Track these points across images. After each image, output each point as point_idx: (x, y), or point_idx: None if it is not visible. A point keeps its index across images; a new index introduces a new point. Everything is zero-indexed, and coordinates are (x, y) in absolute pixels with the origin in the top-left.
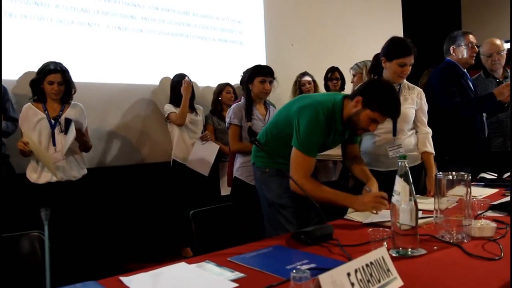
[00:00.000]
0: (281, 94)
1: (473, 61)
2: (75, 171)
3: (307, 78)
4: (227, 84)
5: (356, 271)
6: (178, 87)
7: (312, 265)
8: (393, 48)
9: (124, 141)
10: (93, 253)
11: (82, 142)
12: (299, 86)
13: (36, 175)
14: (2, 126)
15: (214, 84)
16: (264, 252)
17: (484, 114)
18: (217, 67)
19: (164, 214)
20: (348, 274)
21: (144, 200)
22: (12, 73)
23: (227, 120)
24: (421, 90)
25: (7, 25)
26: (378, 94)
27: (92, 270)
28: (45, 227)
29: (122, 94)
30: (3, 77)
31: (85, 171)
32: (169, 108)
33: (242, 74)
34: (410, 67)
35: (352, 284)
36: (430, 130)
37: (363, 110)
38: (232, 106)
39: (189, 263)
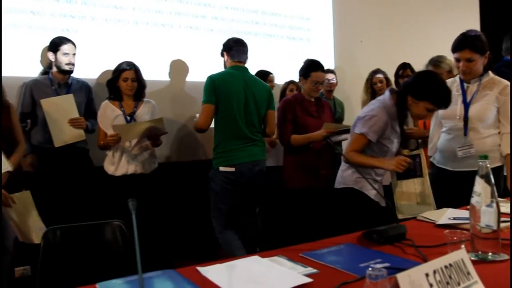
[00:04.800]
0: (350, 92)
1: None
2: (147, 165)
3: (380, 76)
4: (291, 82)
5: (434, 272)
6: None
7: (386, 264)
8: None
9: (192, 137)
10: (165, 242)
11: (154, 138)
12: (371, 84)
13: (113, 167)
14: (88, 125)
15: (281, 82)
16: (336, 249)
17: None
18: (285, 64)
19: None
20: (427, 275)
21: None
22: (93, 73)
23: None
24: (508, 84)
25: (90, 28)
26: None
27: (164, 259)
28: (132, 216)
29: (195, 91)
30: (85, 76)
31: (156, 165)
32: None
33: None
34: (471, 63)
35: (431, 285)
36: None
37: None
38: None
39: (262, 257)
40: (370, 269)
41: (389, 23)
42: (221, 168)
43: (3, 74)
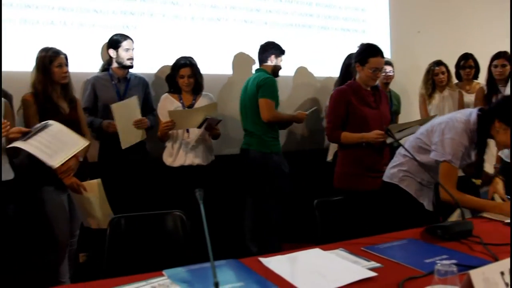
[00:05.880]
0: (408, 84)
1: None
2: (204, 157)
3: (441, 67)
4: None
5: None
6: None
7: (453, 261)
8: None
9: None
10: (223, 233)
11: (213, 131)
12: (432, 76)
13: (171, 159)
14: (148, 123)
15: (336, 75)
16: (399, 244)
17: None
18: (339, 57)
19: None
20: (502, 273)
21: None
22: (152, 67)
23: None
24: None
25: (148, 24)
26: None
27: (225, 249)
28: (200, 205)
29: None
30: (144, 71)
31: (213, 157)
32: None
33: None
34: None
35: (507, 285)
36: None
37: None
38: None
39: (323, 250)
40: (439, 264)
41: (448, 12)
42: None
43: (70, 71)
